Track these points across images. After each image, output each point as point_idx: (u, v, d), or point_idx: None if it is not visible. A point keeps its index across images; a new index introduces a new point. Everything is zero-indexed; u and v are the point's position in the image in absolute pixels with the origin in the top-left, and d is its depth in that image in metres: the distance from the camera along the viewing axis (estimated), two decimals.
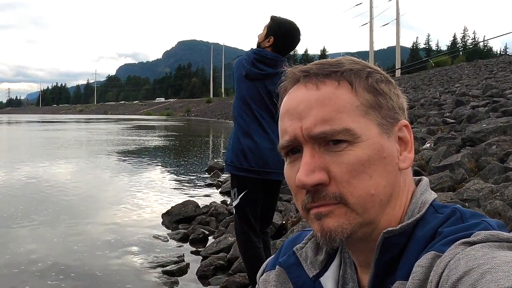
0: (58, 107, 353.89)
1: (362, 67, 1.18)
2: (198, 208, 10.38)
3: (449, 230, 1.02)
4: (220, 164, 19.17)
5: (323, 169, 1.08)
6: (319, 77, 1.14)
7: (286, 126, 1.15)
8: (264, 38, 5.02)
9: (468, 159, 7.68)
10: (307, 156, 1.10)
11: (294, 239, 1.41)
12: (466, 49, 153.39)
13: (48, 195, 12.93)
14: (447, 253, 0.94)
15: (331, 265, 1.26)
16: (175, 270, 6.95)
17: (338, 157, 1.08)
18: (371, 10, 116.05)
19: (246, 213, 5.01)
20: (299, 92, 1.16)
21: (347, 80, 1.14)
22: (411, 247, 1.06)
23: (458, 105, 16.18)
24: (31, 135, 44.39)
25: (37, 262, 7.22)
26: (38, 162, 20.71)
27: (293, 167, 1.15)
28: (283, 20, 5.09)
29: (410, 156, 1.18)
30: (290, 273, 1.30)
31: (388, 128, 1.14)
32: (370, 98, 1.14)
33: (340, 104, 1.11)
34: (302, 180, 1.07)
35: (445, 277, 0.89)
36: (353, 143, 1.08)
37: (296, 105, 1.14)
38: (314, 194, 1.09)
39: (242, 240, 5.02)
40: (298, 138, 1.12)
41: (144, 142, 34.27)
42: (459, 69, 56.10)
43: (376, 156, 1.10)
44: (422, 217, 1.11)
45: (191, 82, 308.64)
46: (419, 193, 1.18)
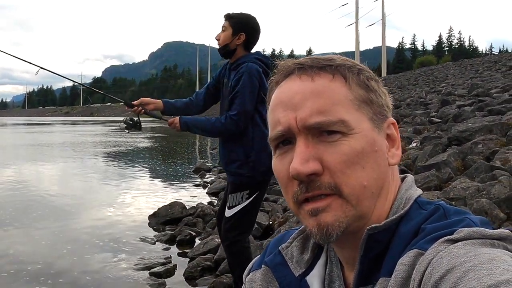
0: (44, 109, 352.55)
1: (353, 64, 1.20)
2: (185, 209, 10.36)
3: (432, 227, 1.02)
4: (206, 165, 19.21)
5: (317, 159, 1.08)
6: (314, 69, 1.15)
7: (279, 117, 1.14)
8: (232, 37, 4.88)
9: (455, 158, 7.70)
10: (301, 146, 1.10)
11: (279, 238, 1.40)
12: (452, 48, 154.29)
13: (35, 198, 12.86)
14: (429, 251, 0.94)
15: (317, 264, 1.26)
16: (162, 272, 6.94)
17: (332, 147, 1.09)
18: (357, 11, 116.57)
19: (252, 215, 5.01)
20: (293, 83, 1.16)
21: (341, 73, 1.15)
22: (395, 244, 1.06)
23: (444, 104, 16.25)
24: (17, 138, 44.25)
25: (25, 265, 7.18)
26: (25, 165, 20.73)
27: (283, 159, 1.15)
28: (246, 15, 5.01)
29: (398, 153, 1.19)
30: (276, 272, 1.29)
31: (378, 124, 1.15)
32: (362, 93, 1.15)
33: (335, 96, 1.12)
34: (297, 169, 1.07)
35: (428, 275, 0.90)
36: (347, 134, 1.09)
37: (291, 96, 1.14)
38: (308, 184, 1.09)
39: (235, 241, 4.92)
40: (292, 129, 1.11)
41: (131, 144, 34.21)
42: (444, 68, 56.43)
43: (369, 149, 1.10)
44: (406, 213, 1.11)
45: (177, 83, 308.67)
46: (404, 189, 1.19)
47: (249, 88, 4.70)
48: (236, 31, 4.87)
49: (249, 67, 4.75)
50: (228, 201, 4.92)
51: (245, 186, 4.85)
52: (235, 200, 4.86)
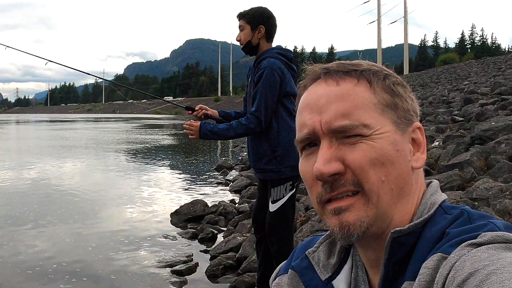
0: (66, 106, 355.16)
1: (380, 69, 1.22)
2: (207, 207, 10.41)
3: (456, 231, 1.02)
4: (228, 163, 19.21)
5: (339, 159, 1.11)
6: (339, 74, 1.17)
7: (305, 120, 1.17)
8: (253, 33, 4.89)
9: (477, 158, 7.65)
10: (324, 147, 1.12)
11: (306, 243, 1.41)
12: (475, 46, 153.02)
13: (59, 195, 13.02)
14: (453, 255, 0.95)
15: (343, 268, 1.27)
16: (184, 270, 6.96)
17: (352, 147, 1.11)
18: (379, 8, 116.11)
19: (294, 206, 5.03)
20: (320, 87, 1.19)
21: (366, 78, 1.17)
22: (419, 248, 1.06)
23: (466, 103, 16.15)
24: (40, 135, 44.56)
25: (50, 263, 7.27)
26: (49, 162, 20.89)
27: (309, 160, 1.17)
28: (257, 8, 5.00)
29: (422, 157, 1.20)
30: (303, 276, 1.30)
31: (402, 128, 1.17)
32: (387, 97, 1.17)
33: (359, 100, 1.14)
34: (320, 169, 1.10)
35: (451, 278, 0.90)
36: (368, 136, 1.11)
37: (316, 100, 1.17)
38: (332, 184, 1.11)
39: (282, 237, 4.88)
40: (316, 132, 1.14)
41: (153, 141, 34.37)
42: (467, 66, 56.00)
43: (390, 147, 1.12)
44: (431, 217, 1.11)
45: (199, 80, 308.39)
46: (429, 194, 1.19)
47: (269, 84, 4.70)
48: (255, 26, 4.88)
49: (270, 62, 4.75)
50: (271, 196, 4.87)
51: (286, 179, 4.81)
52: (279, 193, 4.83)
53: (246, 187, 13.01)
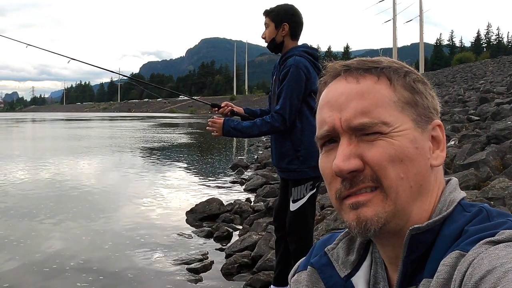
0: (82, 105, 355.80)
1: (400, 66, 1.22)
2: (222, 205, 10.43)
3: (474, 229, 1.03)
4: (244, 161, 19.20)
5: (358, 156, 1.12)
6: (359, 71, 1.18)
7: (325, 117, 1.19)
8: (277, 30, 4.86)
9: (493, 157, 7.63)
10: (344, 144, 1.14)
11: (325, 240, 1.42)
12: (490, 45, 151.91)
13: (76, 193, 13.10)
14: (471, 252, 0.95)
15: (362, 265, 1.28)
16: (200, 268, 6.98)
17: (372, 145, 1.12)
18: (394, 7, 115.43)
19: (315, 206, 5.05)
20: (340, 84, 1.20)
21: (386, 76, 1.18)
22: (438, 245, 1.07)
23: (482, 102, 16.08)
24: (57, 133, 44.74)
25: (68, 261, 7.30)
26: (65, 160, 21.02)
27: (328, 156, 1.19)
28: (283, 5, 4.95)
29: (442, 154, 1.21)
30: (322, 273, 1.31)
31: (422, 125, 1.17)
32: (407, 95, 1.17)
33: (379, 98, 1.15)
34: (339, 166, 1.11)
35: (469, 275, 0.90)
36: (388, 133, 1.12)
37: (337, 97, 1.18)
38: (351, 180, 1.12)
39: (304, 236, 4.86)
40: (336, 129, 1.16)
41: (169, 140, 34.41)
42: (483, 65, 55.75)
43: (409, 145, 1.12)
44: (450, 215, 1.12)
45: (215, 79, 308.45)
46: (448, 192, 1.19)
47: (295, 82, 4.66)
48: (279, 23, 4.84)
49: (296, 60, 4.71)
50: (292, 195, 4.85)
51: (307, 179, 4.80)
52: (300, 193, 4.81)
53: (261, 185, 12.98)
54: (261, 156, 20.04)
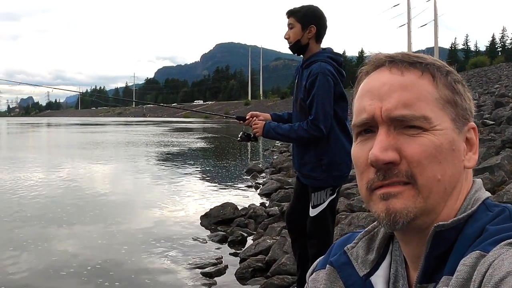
0: (97, 110, 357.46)
1: (443, 65, 1.22)
2: (237, 210, 10.43)
3: (495, 229, 1.03)
4: (259, 166, 19.20)
5: (396, 149, 1.11)
6: (404, 64, 1.18)
7: (365, 105, 1.18)
8: (303, 32, 4.73)
9: (508, 161, 7.60)
10: (382, 134, 1.13)
11: (345, 239, 1.41)
12: (505, 49, 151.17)
13: (92, 197, 13.18)
14: (491, 253, 0.95)
15: (382, 264, 1.27)
16: (214, 272, 6.99)
17: (412, 139, 1.11)
18: (408, 11, 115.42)
19: (335, 211, 5.03)
20: (383, 75, 1.19)
21: (430, 72, 1.18)
22: (460, 243, 1.07)
23: (497, 106, 16.04)
24: (72, 138, 44.95)
25: (85, 265, 7.33)
26: (82, 165, 21.15)
27: (363, 146, 1.18)
28: (309, 6, 4.84)
29: (474, 157, 1.20)
30: (341, 272, 1.31)
31: (460, 126, 1.17)
32: (448, 94, 1.17)
33: (422, 92, 1.14)
34: (377, 155, 1.10)
35: (489, 276, 0.90)
36: (428, 130, 1.11)
37: (379, 87, 1.17)
38: (385, 172, 1.12)
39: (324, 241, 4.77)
40: (376, 118, 1.15)
41: (184, 144, 34.44)
42: (498, 69, 55.56)
43: (447, 146, 1.12)
44: (474, 213, 1.12)
45: (229, 84, 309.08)
46: (474, 191, 1.19)
47: (326, 90, 4.58)
48: (306, 25, 4.73)
49: (322, 66, 4.62)
50: (312, 200, 4.81)
51: (329, 185, 4.78)
52: (320, 198, 4.77)
53: (276, 190, 12.96)
54: (276, 161, 20.01)
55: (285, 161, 18.23)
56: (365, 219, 7.02)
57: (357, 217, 7.27)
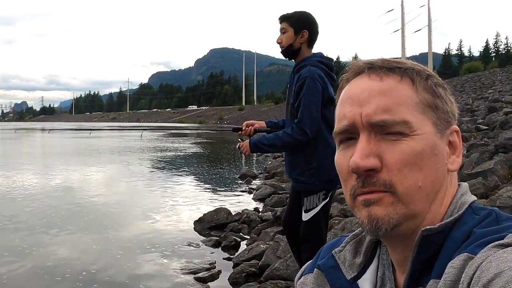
0: (91, 114, 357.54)
1: (423, 69, 1.22)
2: (230, 215, 10.44)
3: (482, 232, 1.03)
4: (252, 171, 19.20)
5: (377, 155, 1.11)
6: (383, 70, 1.18)
7: (345, 112, 1.18)
8: (295, 36, 4.77)
9: (501, 166, 7.62)
10: (363, 141, 1.12)
11: (333, 243, 1.42)
12: (499, 54, 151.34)
13: (86, 203, 13.15)
14: (479, 255, 0.95)
15: (369, 268, 1.28)
16: (207, 277, 7.00)
17: (392, 145, 1.11)
18: (402, 17, 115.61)
19: (328, 216, 5.00)
20: (362, 81, 1.19)
21: (409, 76, 1.17)
22: (447, 247, 1.07)
23: (491, 111, 16.05)
24: (66, 143, 44.85)
25: (80, 270, 7.32)
26: (76, 170, 21.09)
27: (345, 153, 1.18)
28: (302, 12, 4.90)
29: (458, 160, 1.20)
30: (329, 275, 1.31)
31: (441, 130, 1.17)
32: (428, 97, 1.17)
33: (401, 97, 1.14)
34: (357, 162, 1.10)
35: (476, 278, 0.90)
36: (408, 135, 1.11)
37: (359, 93, 1.17)
38: (365, 179, 1.11)
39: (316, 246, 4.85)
40: (356, 124, 1.14)
41: (178, 149, 34.43)
42: (491, 75, 55.61)
43: (429, 151, 1.12)
44: (460, 217, 1.12)
45: (224, 89, 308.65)
46: (460, 194, 1.19)
47: (313, 93, 4.60)
48: (298, 30, 4.76)
49: (311, 71, 4.64)
50: (304, 205, 4.81)
51: (321, 189, 4.77)
52: (312, 203, 4.76)
53: (269, 195, 12.99)
54: (270, 166, 20.05)
55: (279, 166, 18.25)
56: (358, 224, 6.99)
57: (350, 222, 7.28)
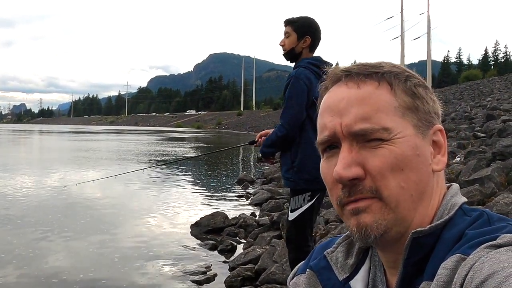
0: (89, 118, 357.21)
1: (401, 70, 1.22)
2: (227, 219, 10.43)
3: (474, 233, 1.03)
4: (250, 176, 19.19)
5: (359, 164, 1.11)
6: (360, 76, 1.18)
7: (326, 122, 1.18)
8: (298, 41, 4.89)
9: (498, 173, 7.62)
10: (345, 151, 1.12)
11: (325, 244, 1.42)
12: (498, 63, 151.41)
13: (83, 206, 13.13)
14: (472, 256, 0.95)
15: (361, 269, 1.28)
16: (203, 280, 7.01)
17: (374, 152, 1.11)
18: (402, 24, 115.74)
19: (314, 217, 5.01)
20: (340, 90, 1.19)
21: (387, 81, 1.17)
22: (438, 248, 1.07)
23: (489, 119, 16.08)
24: (64, 146, 44.84)
25: (75, 273, 7.31)
26: (73, 173, 21.04)
27: (329, 162, 1.18)
28: (306, 18, 5.02)
29: (443, 159, 1.20)
30: (321, 276, 1.31)
31: (423, 130, 1.17)
32: (408, 100, 1.17)
33: (380, 103, 1.14)
34: (340, 173, 1.10)
35: (469, 279, 0.91)
36: (389, 140, 1.11)
37: (337, 102, 1.17)
38: (350, 188, 1.11)
39: (300, 245, 4.85)
40: (337, 134, 1.14)
41: (176, 154, 34.39)
42: (490, 83, 55.73)
43: (410, 153, 1.12)
44: (451, 219, 1.12)
45: (222, 94, 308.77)
46: (449, 196, 1.19)
47: (296, 93, 4.71)
48: (301, 35, 4.88)
49: (298, 71, 4.78)
50: (290, 205, 4.90)
51: (305, 189, 4.81)
52: (297, 203, 4.82)
53: (266, 200, 12.97)
54: (267, 171, 20.01)
55: (276, 172, 18.23)
56: None
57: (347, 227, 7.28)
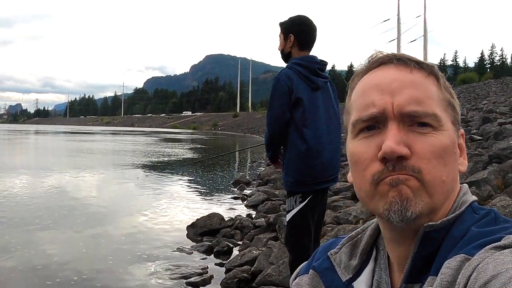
0: (85, 118, 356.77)
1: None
2: (223, 221, 10.42)
3: (478, 232, 1.04)
4: (246, 178, 19.18)
5: (407, 145, 1.10)
6: (412, 63, 1.19)
7: (374, 99, 1.16)
8: (285, 42, 4.95)
9: (495, 176, 7.62)
10: (394, 129, 1.11)
11: (328, 245, 1.41)
12: (494, 66, 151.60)
13: (78, 206, 13.12)
14: (476, 257, 0.95)
15: (365, 270, 1.27)
16: (199, 282, 6.98)
17: (422, 137, 1.11)
18: (398, 26, 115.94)
19: (308, 220, 4.93)
20: (390, 71, 1.19)
21: (434, 74, 1.20)
22: (446, 244, 1.08)
23: (485, 122, 16.07)
24: (60, 146, 44.81)
25: (70, 274, 7.32)
26: (69, 173, 21.04)
27: (368, 141, 1.16)
28: (292, 17, 5.05)
29: (465, 162, 1.22)
30: (324, 277, 1.31)
31: (456, 130, 1.19)
32: (449, 97, 1.20)
33: (431, 92, 1.16)
34: (393, 147, 1.08)
35: (473, 280, 0.90)
36: (437, 129, 1.12)
37: (389, 82, 1.16)
38: (395, 164, 1.09)
39: (296, 246, 4.87)
40: (387, 113, 1.13)
41: (172, 155, 34.39)
42: (486, 86, 55.82)
43: (452, 148, 1.14)
44: (460, 215, 1.13)
45: (218, 96, 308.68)
46: (462, 194, 1.19)
47: (277, 95, 4.76)
48: (286, 35, 4.93)
49: (281, 72, 4.84)
50: (286, 206, 4.95)
51: (294, 192, 4.83)
52: (290, 205, 4.84)
53: (262, 202, 12.97)
54: (263, 173, 20.01)
55: (272, 173, 18.23)
56: (351, 231, 7.02)
57: (343, 229, 7.29)
